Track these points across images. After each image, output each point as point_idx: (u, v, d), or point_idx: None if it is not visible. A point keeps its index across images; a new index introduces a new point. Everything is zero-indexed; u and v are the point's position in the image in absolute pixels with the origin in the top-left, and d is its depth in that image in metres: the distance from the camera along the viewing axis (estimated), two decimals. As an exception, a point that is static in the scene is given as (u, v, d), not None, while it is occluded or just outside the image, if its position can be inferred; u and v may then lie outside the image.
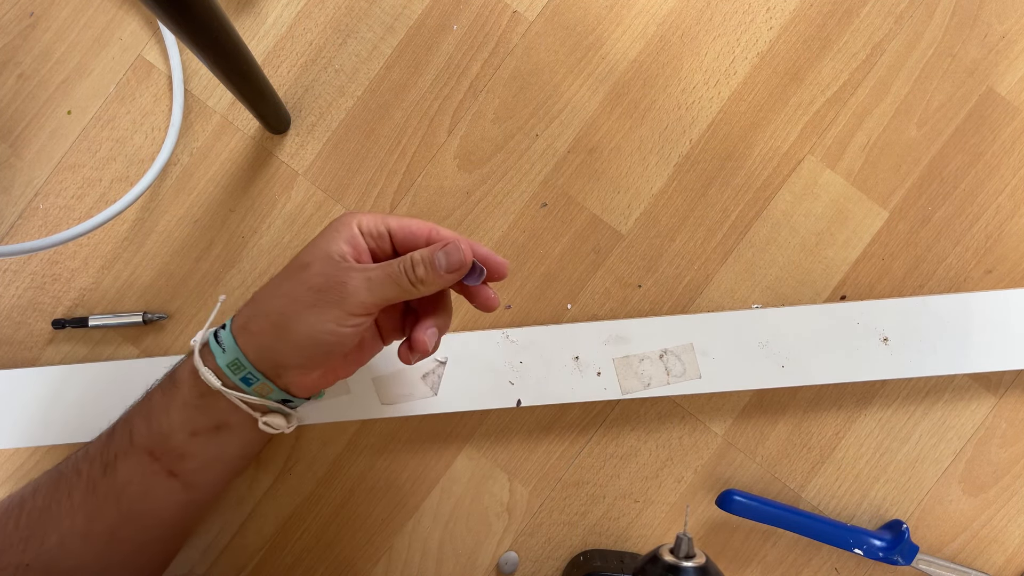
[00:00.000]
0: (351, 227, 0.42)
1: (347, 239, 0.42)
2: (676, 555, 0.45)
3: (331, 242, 0.41)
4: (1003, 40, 0.57)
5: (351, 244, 0.42)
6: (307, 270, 0.41)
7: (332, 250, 0.41)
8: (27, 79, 0.58)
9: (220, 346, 0.43)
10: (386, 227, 0.43)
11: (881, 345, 0.53)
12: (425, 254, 0.41)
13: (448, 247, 0.41)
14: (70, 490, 0.44)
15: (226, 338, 0.43)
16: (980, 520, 0.57)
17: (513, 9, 0.57)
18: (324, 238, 0.42)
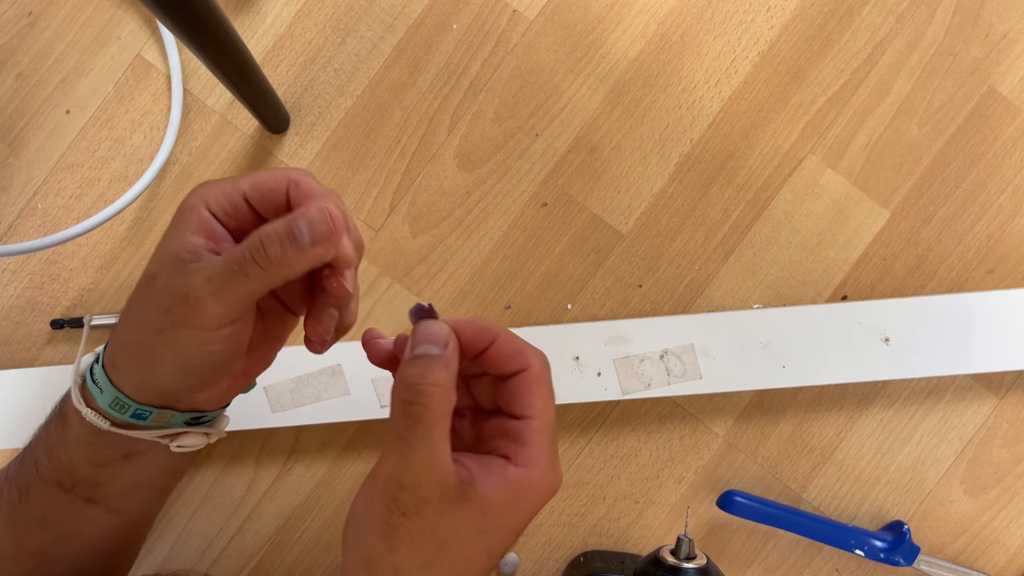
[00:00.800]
0: (198, 211, 0.33)
1: (196, 227, 0.33)
2: (677, 556, 0.45)
3: (176, 237, 0.33)
4: (1004, 39, 0.57)
5: (202, 232, 0.33)
6: (153, 284, 0.33)
7: (177, 248, 0.32)
8: (26, 78, 0.57)
9: (96, 385, 0.35)
10: (240, 194, 0.33)
11: (882, 345, 0.53)
12: (279, 226, 0.30)
13: (309, 212, 0.30)
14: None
15: (100, 376, 0.35)
16: (981, 521, 0.57)
17: (513, 8, 0.57)
18: (169, 234, 0.33)
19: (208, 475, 0.57)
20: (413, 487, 0.29)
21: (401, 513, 0.30)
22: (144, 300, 0.33)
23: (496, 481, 0.31)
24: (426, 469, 0.29)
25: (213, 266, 0.31)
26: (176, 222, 0.33)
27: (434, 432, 0.30)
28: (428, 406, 0.30)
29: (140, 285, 0.34)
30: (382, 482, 0.30)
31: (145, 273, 0.34)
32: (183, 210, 0.33)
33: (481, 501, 0.30)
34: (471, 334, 0.32)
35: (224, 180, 0.33)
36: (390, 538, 0.30)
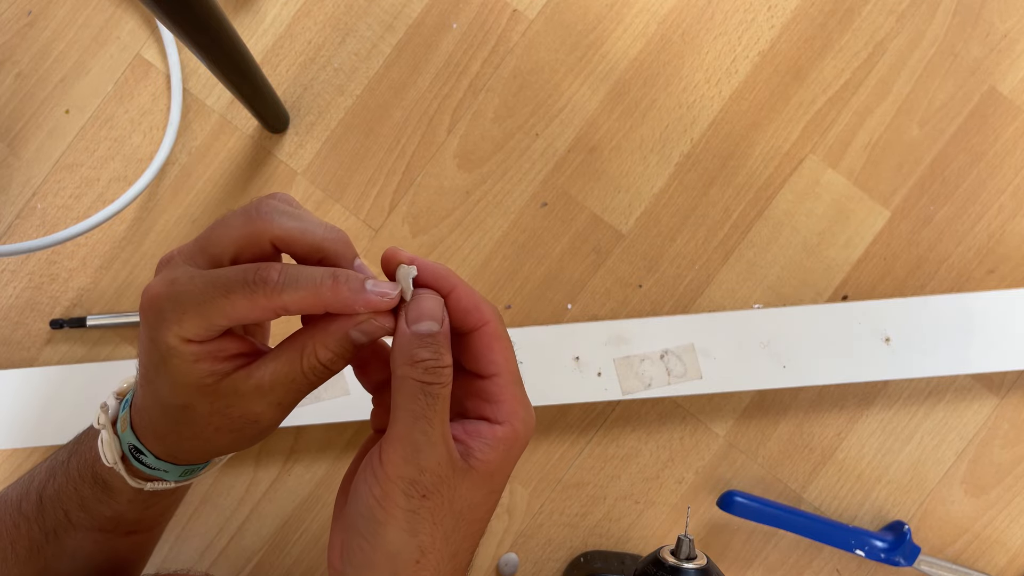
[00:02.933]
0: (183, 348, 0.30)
1: (198, 357, 0.30)
2: (677, 556, 0.45)
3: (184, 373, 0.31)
4: (1005, 39, 0.57)
5: (207, 358, 0.31)
6: (194, 412, 0.32)
7: (193, 380, 0.31)
8: (25, 78, 0.57)
9: (154, 469, 0.35)
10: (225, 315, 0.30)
11: (883, 345, 0.52)
12: (333, 344, 0.31)
13: (366, 328, 0.31)
14: (13, 542, 0.40)
15: (157, 464, 0.35)
16: (982, 521, 0.57)
17: (513, 8, 0.57)
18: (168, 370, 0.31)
19: (208, 475, 0.57)
20: (432, 468, 0.30)
21: (421, 496, 0.30)
22: (186, 422, 0.32)
23: (489, 444, 0.31)
24: (442, 448, 0.30)
25: (274, 393, 0.31)
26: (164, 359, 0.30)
27: (446, 415, 0.30)
28: (445, 383, 0.30)
29: (170, 411, 0.32)
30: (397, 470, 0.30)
31: (169, 402, 0.32)
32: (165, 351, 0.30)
33: (483, 467, 0.31)
34: (431, 280, 0.32)
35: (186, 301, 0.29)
36: (412, 523, 0.30)
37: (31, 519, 0.39)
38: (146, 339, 0.31)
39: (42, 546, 0.39)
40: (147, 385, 0.32)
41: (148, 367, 0.32)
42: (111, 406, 0.36)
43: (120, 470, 0.35)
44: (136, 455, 0.35)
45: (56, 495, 0.39)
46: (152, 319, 0.30)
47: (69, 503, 0.38)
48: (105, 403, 0.36)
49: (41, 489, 0.39)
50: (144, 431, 0.34)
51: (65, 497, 0.38)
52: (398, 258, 0.32)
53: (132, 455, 0.35)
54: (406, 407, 0.30)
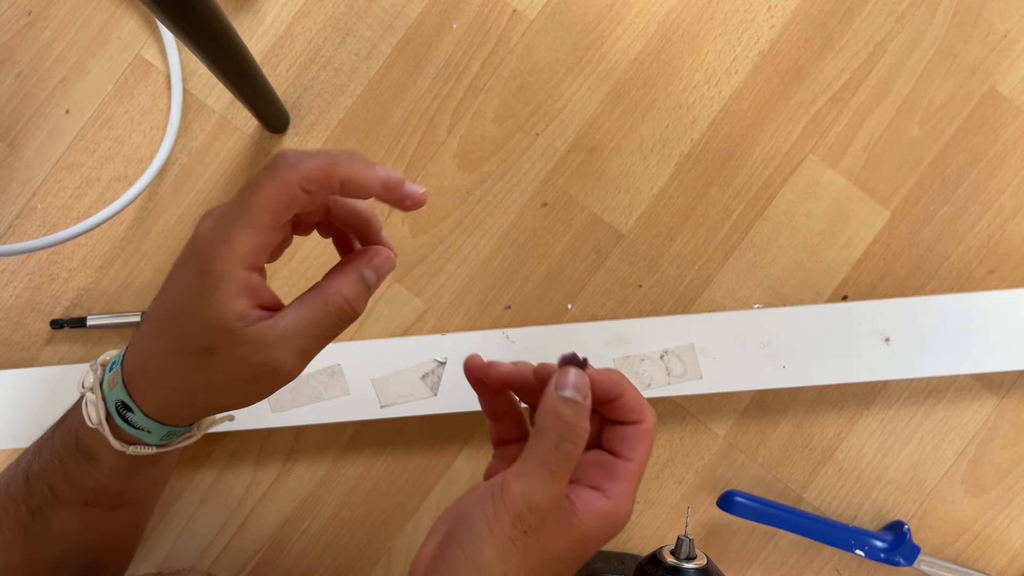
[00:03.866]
0: (236, 274, 0.32)
1: (240, 290, 0.32)
2: (677, 556, 0.45)
3: (221, 306, 0.32)
4: (1005, 39, 0.57)
5: (247, 292, 0.32)
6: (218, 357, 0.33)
7: (227, 317, 0.32)
8: (25, 78, 0.57)
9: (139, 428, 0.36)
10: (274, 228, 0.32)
11: (883, 345, 0.52)
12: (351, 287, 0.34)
13: (376, 262, 0.35)
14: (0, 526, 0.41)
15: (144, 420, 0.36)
16: (982, 521, 0.57)
17: (513, 8, 0.57)
18: (206, 302, 0.32)
19: (208, 475, 0.57)
20: (541, 511, 0.33)
21: (523, 531, 0.33)
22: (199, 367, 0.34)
23: (593, 511, 0.35)
24: (554, 497, 0.33)
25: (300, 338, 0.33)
26: (204, 288, 0.32)
27: (569, 470, 0.34)
28: (576, 444, 0.34)
29: (186, 350, 0.33)
30: (513, 502, 0.33)
31: (190, 342, 0.33)
32: (213, 276, 0.32)
33: (581, 528, 0.34)
34: (607, 386, 0.36)
35: (242, 213, 0.32)
36: (507, 550, 0.34)
37: (18, 499, 0.40)
38: (190, 274, 0.32)
39: (29, 526, 0.40)
40: (169, 328, 0.34)
41: (179, 307, 0.33)
42: (96, 372, 0.37)
43: (104, 430, 0.36)
44: (123, 412, 0.36)
45: (42, 470, 0.39)
46: (202, 251, 0.32)
47: (54, 477, 0.39)
48: (89, 369, 0.37)
49: (28, 467, 0.40)
50: (140, 385, 0.35)
51: (50, 471, 0.39)
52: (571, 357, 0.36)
53: (118, 413, 0.36)
54: (540, 453, 0.34)
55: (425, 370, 0.53)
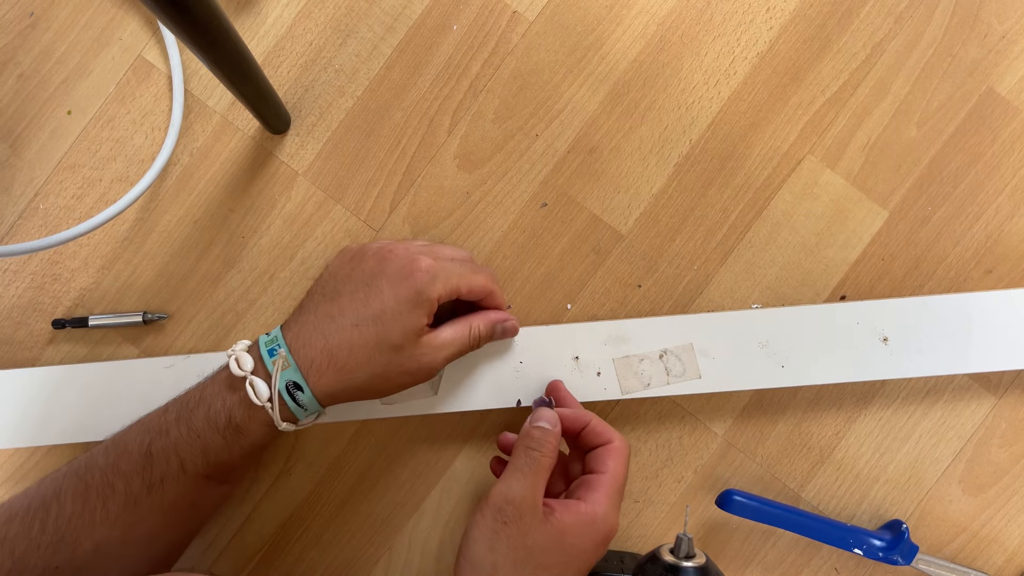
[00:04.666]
0: (434, 303, 0.45)
1: (429, 312, 0.45)
2: (676, 555, 0.45)
3: (418, 319, 0.45)
4: (1003, 40, 0.57)
5: (430, 315, 0.46)
6: (400, 354, 0.45)
7: (418, 327, 0.45)
8: (27, 79, 0.58)
9: (301, 406, 0.45)
10: (458, 292, 0.47)
11: (881, 345, 0.53)
12: (487, 327, 0.49)
13: (507, 323, 0.50)
14: (104, 501, 0.45)
15: (309, 402, 0.45)
16: (980, 520, 0.57)
17: (513, 9, 0.57)
18: (413, 314, 0.44)
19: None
20: (516, 503, 0.42)
21: (503, 522, 0.42)
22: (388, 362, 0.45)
23: (570, 510, 0.43)
24: (527, 493, 0.43)
25: (451, 348, 0.47)
26: (415, 305, 0.44)
27: (540, 473, 0.44)
28: (543, 453, 0.44)
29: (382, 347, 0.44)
30: (493, 499, 0.43)
31: (387, 339, 0.44)
32: (423, 299, 0.45)
33: (557, 523, 0.43)
34: (573, 417, 0.48)
35: (451, 277, 0.46)
36: (493, 541, 0.42)
37: (131, 475, 0.45)
38: (405, 290, 0.44)
39: (141, 499, 0.45)
40: (372, 327, 0.44)
41: (386, 312, 0.44)
42: (250, 358, 0.45)
43: (272, 407, 0.44)
44: (293, 391, 0.44)
45: (172, 447, 0.45)
46: (427, 278, 0.45)
47: (187, 452, 0.45)
48: (238, 356, 0.45)
49: (148, 446, 0.46)
50: (321, 368, 0.44)
51: (184, 447, 0.45)
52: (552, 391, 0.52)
53: (288, 391, 0.44)
54: (514, 462, 0.45)
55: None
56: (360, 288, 0.45)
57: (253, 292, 0.57)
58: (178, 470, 0.45)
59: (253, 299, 0.57)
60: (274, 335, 0.46)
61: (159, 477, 0.45)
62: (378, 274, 0.45)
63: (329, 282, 0.47)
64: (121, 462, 0.46)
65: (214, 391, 0.46)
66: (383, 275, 0.45)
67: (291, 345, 0.45)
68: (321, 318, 0.45)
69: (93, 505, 0.45)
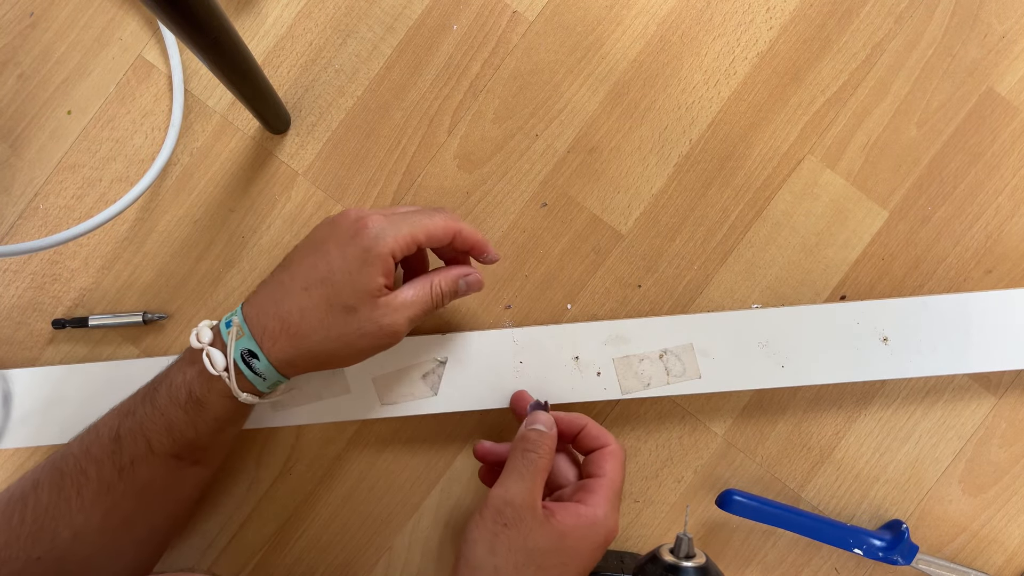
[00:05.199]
0: (387, 259, 0.43)
1: (384, 271, 0.43)
2: (676, 555, 0.45)
3: (371, 278, 0.43)
4: (1003, 40, 0.57)
5: (386, 274, 0.44)
6: (355, 314, 0.43)
7: (372, 288, 0.43)
8: (27, 79, 0.58)
9: (258, 374, 0.44)
10: (417, 242, 0.45)
11: (881, 345, 0.53)
12: (449, 284, 0.47)
13: (471, 276, 0.48)
14: (78, 488, 0.45)
15: (265, 367, 0.44)
16: (980, 520, 0.57)
17: (513, 9, 0.57)
18: (363, 273, 0.43)
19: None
20: (515, 505, 0.43)
21: (503, 524, 0.42)
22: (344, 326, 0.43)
23: (569, 512, 0.43)
24: (526, 495, 0.43)
25: (413, 308, 0.45)
26: (367, 264, 0.43)
27: (538, 474, 0.44)
28: (540, 455, 0.45)
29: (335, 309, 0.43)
30: (492, 502, 0.43)
31: (339, 300, 0.43)
32: (373, 255, 0.43)
33: (558, 525, 0.43)
34: (568, 420, 0.48)
35: (401, 227, 0.44)
36: (493, 544, 0.42)
37: (102, 459, 0.45)
38: (355, 248, 0.43)
39: (113, 484, 0.45)
40: (321, 288, 0.43)
41: (335, 273, 0.43)
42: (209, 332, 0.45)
43: (229, 376, 0.44)
44: (248, 360, 0.44)
45: (138, 427, 0.45)
46: (374, 233, 0.43)
47: (152, 430, 0.45)
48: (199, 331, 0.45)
49: (116, 428, 0.46)
50: (274, 335, 0.43)
51: (149, 426, 0.45)
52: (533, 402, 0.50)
53: (244, 360, 0.44)
54: (511, 464, 0.45)
55: (425, 369, 0.54)
56: (310, 253, 0.45)
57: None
58: (146, 451, 0.45)
59: (253, 299, 0.57)
60: (235, 311, 0.46)
61: (128, 460, 0.45)
62: (327, 237, 0.45)
63: (291, 252, 0.47)
64: (93, 447, 0.46)
65: (176, 368, 0.46)
66: (331, 237, 0.44)
67: (247, 315, 0.45)
68: (274, 286, 0.45)
69: (68, 493, 0.45)
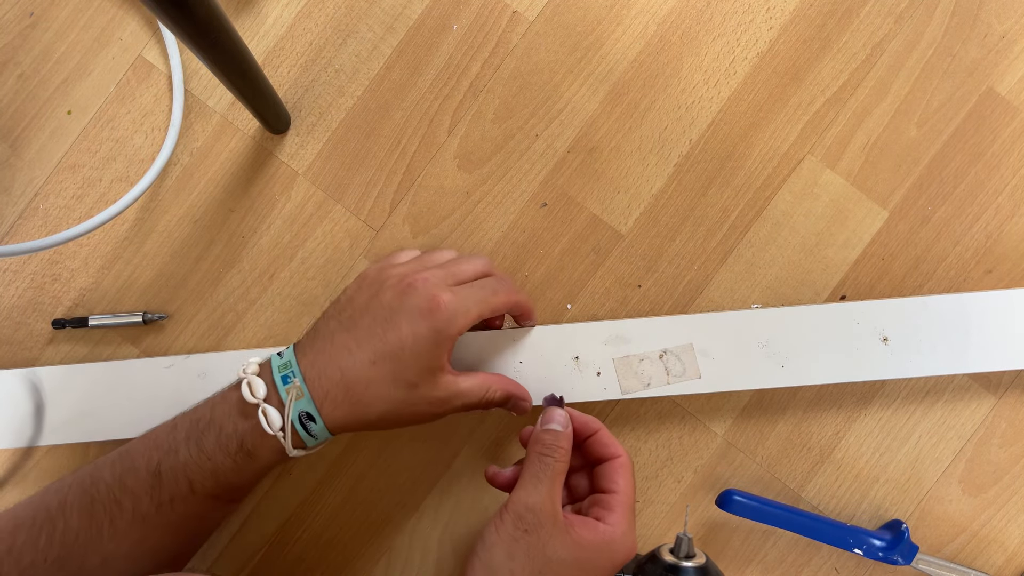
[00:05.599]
0: (453, 339, 0.44)
1: (449, 351, 0.44)
2: (676, 555, 0.45)
3: (437, 359, 0.44)
4: (1003, 40, 0.57)
5: (449, 353, 0.45)
6: (416, 391, 0.44)
7: (435, 367, 0.44)
8: (27, 79, 0.58)
9: (311, 436, 0.45)
10: (480, 319, 0.46)
11: (881, 345, 0.53)
12: (501, 396, 0.48)
13: (520, 405, 0.50)
14: (111, 518, 0.45)
15: (320, 432, 0.45)
16: (980, 520, 0.57)
17: (513, 9, 0.57)
18: (432, 355, 0.44)
19: None
20: (536, 511, 0.42)
21: (523, 530, 0.42)
22: (405, 400, 0.44)
23: (590, 528, 0.43)
24: (547, 501, 0.43)
25: (462, 399, 0.46)
26: (435, 344, 0.43)
27: (556, 478, 0.44)
28: (557, 458, 0.44)
29: (399, 383, 0.44)
30: (513, 507, 0.43)
31: (405, 377, 0.44)
32: (444, 337, 0.43)
33: (579, 539, 0.42)
34: (582, 422, 0.47)
35: (471, 308, 0.45)
36: (512, 549, 0.42)
37: (139, 494, 0.45)
38: (424, 329, 0.43)
39: (149, 517, 0.45)
40: (389, 363, 0.43)
41: (404, 350, 0.43)
42: (263, 384, 0.44)
43: (285, 437, 0.44)
44: (306, 421, 0.44)
45: (181, 468, 0.45)
46: (447, 316, 0.43)
47: (196, 473, 0.45)
48: (251, 382, 0.44)
49: (157, 465, 0.45)
50: (336, 401, 0.44)
51: (193, 468, 0.45)
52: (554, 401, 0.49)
53: (301, 422, 0.44)
54: (529, 469, 0.44)
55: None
56: (379, 322, 0.44)
57: (253, 292, 0.57)
58: (187, 491, 0.45)
59: (253, 299, 0.57)
60: (287, 359, 0.45)
61: (168, 497, 0.45)
62: (397, 309, 0.44)
63: (347, 309, 0.46)
64: (128, 479, 0.45)
65: (225, 413, 0.45)
66: (402, 310, 0.44)
67: (306, 374, 0.44)
68: (338, 348, 0.44)
69: (100, 521, 0.45)
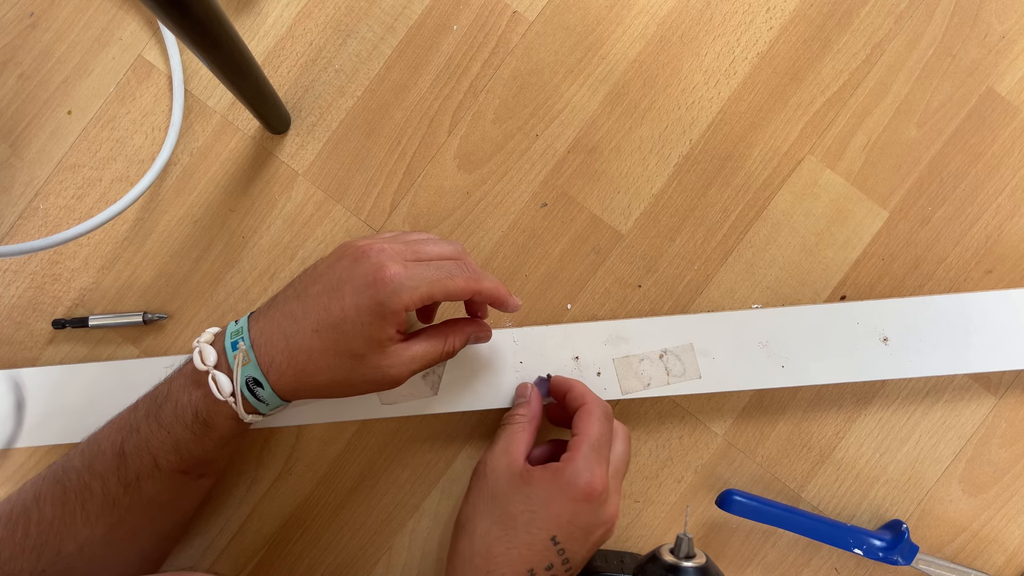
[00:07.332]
0: (400, 314, 0.43)
1: (396, 324, 0.43)
2: (676, 555, 0.45)
3: (381, 330, 0.43)
4: (1003, 40, 0.57)
5: (398, 325, 0.43)
6: (364, 361, 0.43)
7: (383, 339, 0.43)
8: (27, 79, 0.58)
9: (262, 401, 0.45)
10: (431, 299, 0.44)
11: (881, 345, 0.53)
12: (460, 341, 0.48)
13: (481, 333, 0.50)
14: (83, 503, 0.45)
15: (269, 397, 0.45)
16: (980, 520, 0.57)
17: (513, 9, 0.57)
18: (374, 326, 0.42)
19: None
20: (492, 463, 0.47)
21: (478, 477, 0.48)
22: (350, 370, 0.44)
23: (542, 468, 0.46)
24: (502, 455, 0.47)
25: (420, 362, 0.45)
26: (377, 316, 0.42)
27: (512, 437, 0.48)
28: (512, 423, 0.49)
29: (342, 354, 0.43)
30: (478, 466, 0.49)
31: (347, 347, 0.43)
32: (387, 310, 0.42)
33: (527, 475, 0.46)
34: (560, 382, 0.51)
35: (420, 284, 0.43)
36: (475, 501, 0.47)
37: (107, 475, 0.46)
38: (367, 300, 0.42)
39: (119, 499, 0.46)
40: (332, 333, 0.43)
41: (347, 321, 0.42)
42: (213, 352, 0.45)
43: (236, 401, 0.44)
44: (252, 387, 0.44)
45: (143, 444, 0.45)
46: (391, 288, 0.42)
47: (159, 448, 0.45)
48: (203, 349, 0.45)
49: (120, 444, 0.46)
50: (281, 368, 0.44)
51: (155, 443, 0.45)
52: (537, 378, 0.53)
53: (248, 387, 0.44)
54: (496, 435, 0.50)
55: (426, 369, 0.54)
56: (326, 291, 0.43)
57: (253, 292, 0.57)
58: (152, 467, 0.45)
59: (253, 299, 0.57)
60: (240, 326, 0.45)
61: (134, 476, 0.45)
62: (346, 279, 0.43)
63: (305, 277, 0.46)
64: (96, 463, 0.46)
65: (180, 385, 0.46)
66: (349, 280, 0.43)
67: (255, 340, 0.44)
68: (286, 316, 0.44)
69: (72, 508, 0.45)
